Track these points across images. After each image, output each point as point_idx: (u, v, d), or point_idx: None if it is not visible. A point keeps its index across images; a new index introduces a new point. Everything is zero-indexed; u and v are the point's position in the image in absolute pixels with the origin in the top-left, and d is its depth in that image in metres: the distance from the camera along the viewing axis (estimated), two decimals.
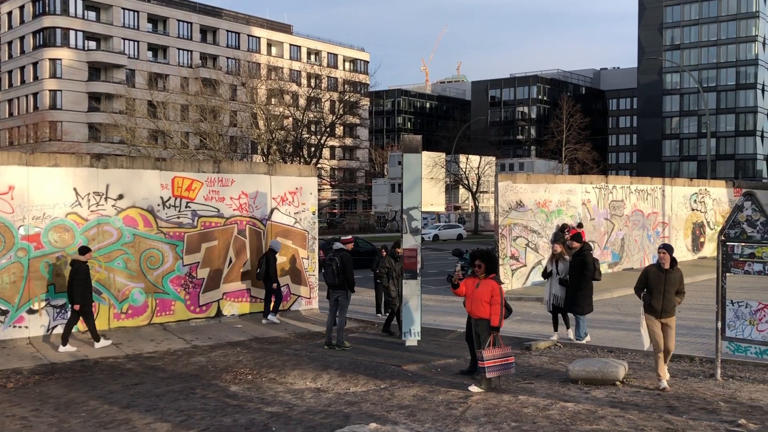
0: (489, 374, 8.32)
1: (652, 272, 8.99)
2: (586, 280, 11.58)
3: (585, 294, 11.56)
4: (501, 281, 8.68)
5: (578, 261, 11.66)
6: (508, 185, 19.37)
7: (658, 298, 8.85)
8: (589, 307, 11.67)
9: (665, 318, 8.88)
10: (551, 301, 12.05)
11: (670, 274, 8.87)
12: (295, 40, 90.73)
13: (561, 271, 11.94)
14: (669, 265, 8.85)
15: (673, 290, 8.88)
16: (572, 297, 11.60)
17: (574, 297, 11.57)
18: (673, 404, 7.69)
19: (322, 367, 10.03)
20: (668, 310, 8.89)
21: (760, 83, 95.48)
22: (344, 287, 11.56)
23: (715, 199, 27.79)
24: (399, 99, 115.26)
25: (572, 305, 11.64)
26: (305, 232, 15.26)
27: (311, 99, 57.66)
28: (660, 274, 8.89)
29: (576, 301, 11.58)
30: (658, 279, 8.88)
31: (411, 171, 11.73)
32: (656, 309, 8.87)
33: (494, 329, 8.46)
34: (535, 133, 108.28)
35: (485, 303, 8.52)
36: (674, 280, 8.88)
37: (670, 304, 8.91)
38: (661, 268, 8.92)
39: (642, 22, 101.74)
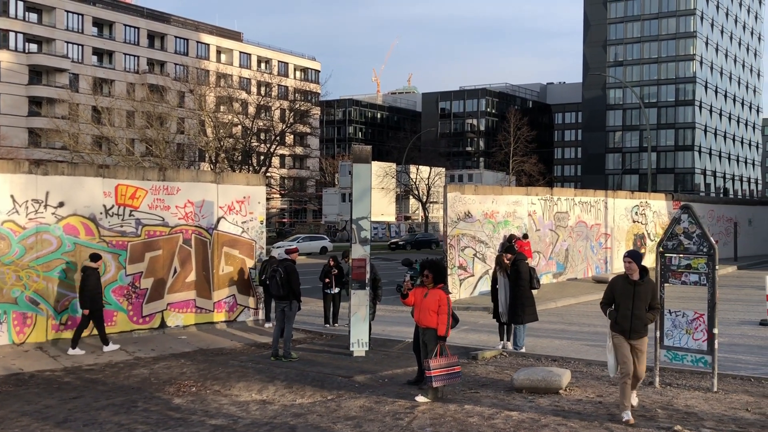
0: (435, 383, 8.37)
1: (618, 284, 7.81)
2: (521, 290, 11.75)
3: (524, 303, 11.73)
4: (449, 291, 8.75)
5: (513, 271, 11.86)
6: (457, 196, 19.59)
7: (626, 316, 7.64)
8: (530, 317, 11.85)
9: (635, 339, 7.68)
10: (498, 311, 12.22)
11: (640, 286, 7.69)
12: (246, 48, 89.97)
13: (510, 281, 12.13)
14: (638, 276, 7.72)
15: (643, 306, 7.67)
16: (512, 307, 11.78)
17: (514, 307, 11.76)
18: (613, 412, 7.87)
19: (268, 379, 9.91)
20: (638, 329, 7.66)
21: (698, 100, 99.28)
22: (289, 298, 11.47)
23: (655, 212, 28.69)
24: (350, 109, 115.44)
25: (513, 315, 11.82)
26: (253, 242, 15.09)
27: (261, 107, 57.20)
28: (628, 287, 7.70)
29: (515, 311, 11.76)
30: (625, 292, 7.68)
31: (360, 181, 11.75)
32: (624, 328, 7.65)
33: (441, 339, 8.53)
34: (484, 145, 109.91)
35: (433, 312, 8.59)
36: (644, 294, 7.69)
37: (641, 323, 7.67)
38: (629, 279, 7.76)
39: (587, 38, 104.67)
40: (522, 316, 11.76)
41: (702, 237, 8.96)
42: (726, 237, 32.86)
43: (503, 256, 12.18)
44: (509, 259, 11.96)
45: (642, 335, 7.72)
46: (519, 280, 11.74)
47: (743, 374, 9.82)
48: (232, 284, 14.66)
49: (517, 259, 11.89)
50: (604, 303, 7.97)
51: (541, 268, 22.37)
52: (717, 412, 7.86)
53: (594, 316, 16.95)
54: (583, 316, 16.95)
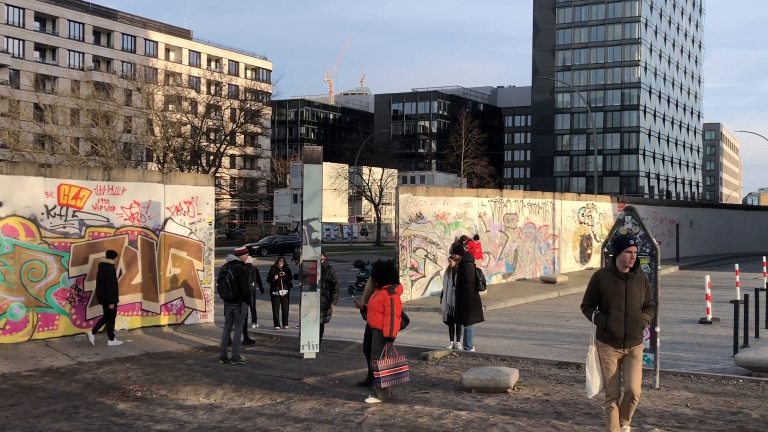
0: (383, 384, 8.38)
1: (605, 280, 6.51)
2: (465, 291, 11.85)
3: (469, 305, 11.83)
4: (394, 292, 8.72)
5: (459, 273, 11.97)
6: (409, 198, 19.68)
7: (618, 318, 6.38)
8: (476, 318, 11.96)
9: (631, 346, 6.45)
10: (447, 312, 12.32)
11: (632, 280, 6.45)
12: (195, 46, 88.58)
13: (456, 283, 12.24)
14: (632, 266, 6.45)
15: (638, 304, 6.45)
16: (459, 308, 11.88)
17: (460, 308, 11.85)
18: (560, 410, 8.01)
19: (216, 382, 9.76)
20: (634, 334, 6.44)
21: (642, 105, 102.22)
22: (239, 300, 11.32)
23: (601, 213, 29.39)
24: (302, 109, 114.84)
25: (459, 316, 11.92)
26: (201, 243, 14.83)
27: (211, 106, 56.42)
28: (618, 282, 6.45)
29: (461, 312, 11.86)
30: (615, 289, 6.43)
31: (312, 182, 11.67)
32: (617, 335, 6.39)
33: (387, 339, 8.54)
34: (436, 147, 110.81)
35: (378, 313, 8.62)
36: (638, 290, 6.48)
37: (637, 326, 6.44)
38: (617, 272, 6.48)
39: (536, 43, 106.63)
40: (468, 318, 11.86)
41: (645, 238, 9.20)
42: (669, 238, 33.89)
43: (452, 257, 12.29)
44: (456, 260, 12.06)
45: (638, 342, 6.49)
46: (465, 282, 11.84)
47: (684, 371, 10.13)
48: (179, 286, 14.39)
49: (463, 261, 11.99)
50: (588, 305, 6.62)
51: (491, 269, 22.65)
52: (659, 408, 8.08)
53: (542, 315, 17.27)
54: (532, 315, 17.22)
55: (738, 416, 7.71)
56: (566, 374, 10.09)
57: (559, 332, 14.47)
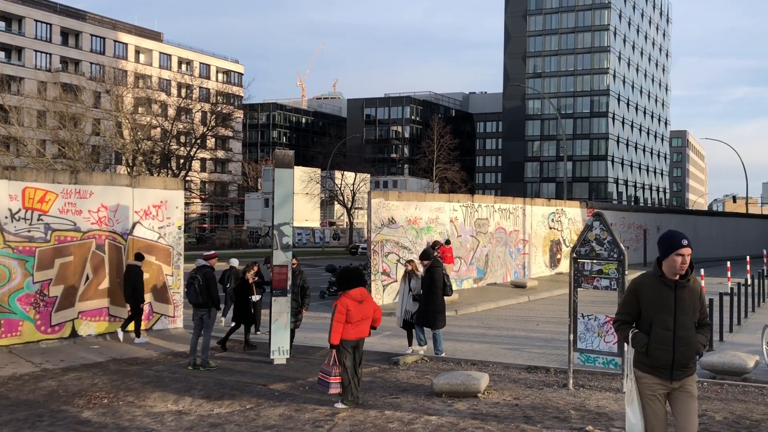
0: (331, 390, 8.36)
1: (648, 289, 5.04)
2: (433, 295, 11.89)
3: (436, 309, 11.86)
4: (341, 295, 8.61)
5: (427, 278, 11.99)
6: (381, 202, 19.69)
7: (664, 340, 4.88)
8: (441, 322, 12.00)
9: (681, 378, 4.92)
10: (403, 316, 12.36)
11: (683, 291, 4.96)
12: (166, 49, 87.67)
13: (414, 288, 12.26)
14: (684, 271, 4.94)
15: (691, 322, 4.93)
16: (424, 312, 11.89)
17: (426, 312, 11.87)
18: (529, 414, 8.07)
19: (185, 389, 9.63)
20: (685, 362, 4.90)
21: (611, 112, 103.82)
22: (208, 306, 11.20)
23: (570, 219, 29.73)
24: (274, 113, 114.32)
25: (426, 320, 11.92)
26: (170, 248, 14.65)
27: (181, 109, 55.89)
28: (665, 292, 4.96)
29: (427, 316, 11.87)
30: (662, 301, 4.94)
31: (283, 186, 11.61)
32: (662, 362, 4.89)
33: (330, 346, 8.48)
34: (409, 152, 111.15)
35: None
36: (692, 302, 4.97)
37: (690, 351, 4.90)
38: (664, 280, 4.99)
39: (507, 50, 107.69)
40: (436, 322, 11.89)
41: (613, 243, 9.33)
42: (636, 243, 34.43)
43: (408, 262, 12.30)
44: (425, 265, 12.07)
45: (691, 372, 4.95)
46: (434, 287, 11.86)
47: None
48: (147, 292, 14.17)
49: (432, 266, 12.02)
50: (623, 321, 5.18)
51: (462, 274, 22.77)
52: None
53: (512, 319, 17.39)
54: (502, 320, 17.34)
55: (702, 419, 7.84)
56: (536, 378, 10.17)
57: (529, 336, 14.59)
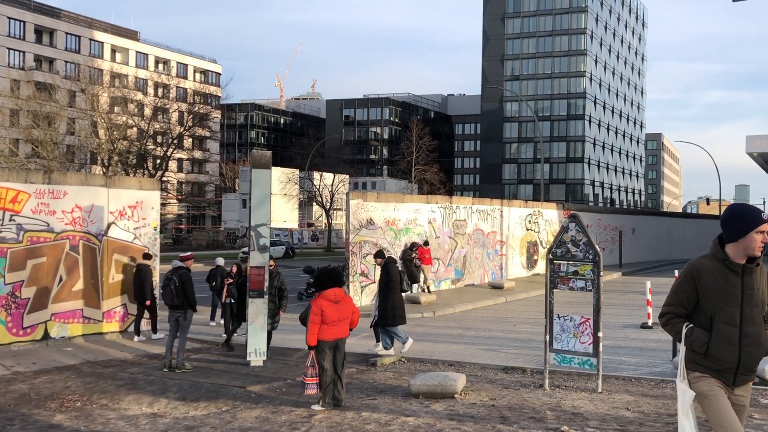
0: (308, 391, 8.36)
1: (711, 273, 4.22)
2: (391, 291, 11.85)
3: (395, 305, 11.82)
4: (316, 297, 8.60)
5: (383, 274, 12.00)
6: (360, 203, 19.68)
7: (729, 338, 4.12)
8: (400, 319, 11.94)
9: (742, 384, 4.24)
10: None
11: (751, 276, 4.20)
12: (142, 48, 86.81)
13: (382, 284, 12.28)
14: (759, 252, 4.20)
15: (761, 315, 4.20)
16: (382, 310, 11.86)
17: (384, 310, 11.84)
18: (505, 415, 8.11)
19: (160, 391, 9.53)
20: (752, 365, 4.20)
21: (588, 115, 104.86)
22: (185, 307, 11.10)
23: (547, 220, 29.97)
24: (252, 113, 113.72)
25: (383, 318, 11.86)
26: (145, 249, 14.50)
27: (158, 109, 55.34)
28: (731, 279, 4.19)
29: (386, 314, 11.83)
30: (726, 290, 4.18)
31: (260, 187, 11.55)
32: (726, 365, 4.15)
33: (308, 347, 8.45)
34: (388, 153, 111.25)
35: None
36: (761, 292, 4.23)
37: (760, 350, 4.17)
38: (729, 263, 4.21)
39: (485, 52, 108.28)
40: (394, 318, 11.84)
41: (588, 245, 9.41)
42: (612, 245, 34.79)
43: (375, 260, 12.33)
44: (379, 264, 12.09)
45: (753, 377, 4.31)
46: (390, 282, 11.85)
47: (625, 375, 10.39)
48: (123, 293, 14.03)
49: (387, 263, 12.03)
50: (674, 314, 4.34)
51: (441, 275, 22.84)
52: (601, 411, 8.27)
53: (490, 320, 17.47)
54: (480, 320, 17.41)
55: (675, 418, 7.93)
56: (512, 379, 10.23)
57: (506, 337, 14.67)
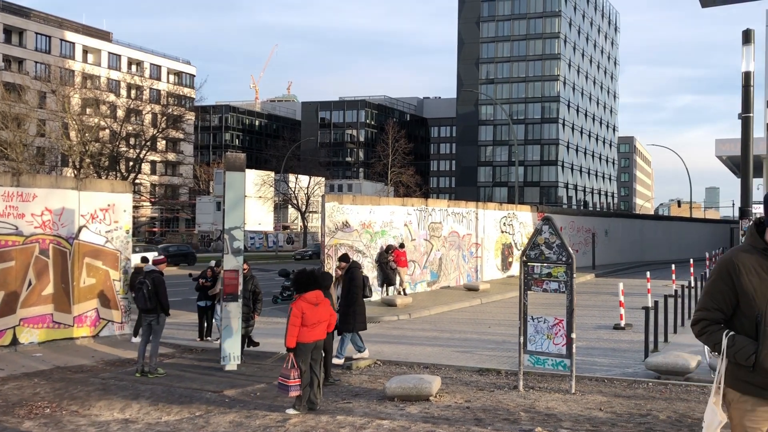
0: (291, 393, 8.32)
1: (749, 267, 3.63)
2: (354, 296, 11.72)
3: (356, 310, 11.68)
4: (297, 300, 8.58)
5: (346, 279, 11.89)
6: (335, 206, 19.63)
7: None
8: (361, 324, 11.82)
9: None
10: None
11: None
12: (115, 49, 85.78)
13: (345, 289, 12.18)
14: None
15: None
16: (344, 315, 11.65)
17: (345, 315, 11.65)
18: (480, 416, 8.14)
19: (132, 396, 9.40)
20: None
21: (561, 118, 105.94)
22: (157, 311, 10.97)
23: (521, 222, 30.18)
24: (227, 115, 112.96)
25: (344, 324, 11.64)
26: (117, 252, 14.31)
27: (131, 110, 54.70)
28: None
29: (347, 319, 11.64)
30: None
31: (234, 190, 11.47)
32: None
33: (287, 349, 8.42)
34: (364, 156, 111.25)
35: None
36: None
37: None
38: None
39: (461, 56, 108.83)
40: (354, 324, 11.70)
41: (561, 247, 9.49)
42: (585, 246, 35.16)
43: (338, 267, 12.24)
44: (342, 269, 11.99)
45: None
46: (355, 287, 11.70)
47: (598, 376, 10.49)
48: (94, 297, 13.82)
49: (351, 267, 11.92)
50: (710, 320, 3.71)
51: (416, 277, 22.87)
52: (574, 412, 8.34)
53: (465, 322, 17.54)
54: (455, 322, 17.46)
55: (647, 418, 8.04)
56: (487, 381, 10.27)
57: (481, 339, 14.73)
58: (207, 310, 14.54)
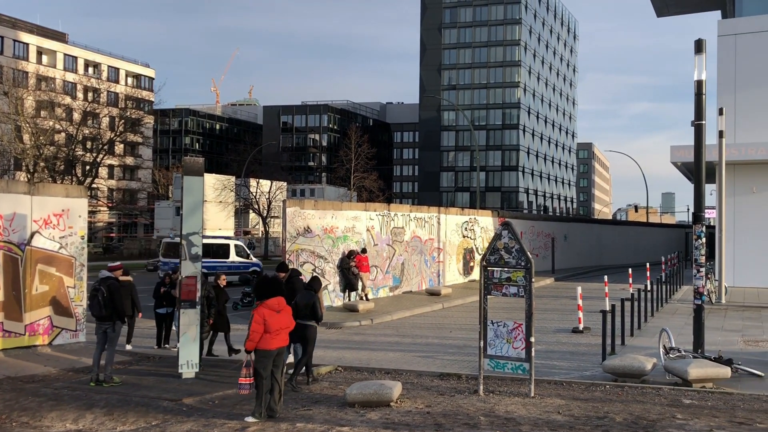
0: (241, 391, 8.37)
1: None
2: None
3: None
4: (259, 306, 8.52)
5: (289, 289, 11.74)
6: (297, 211, 19.51)
7: None
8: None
9: None
10: None
11: None
12: (71, 50, 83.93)
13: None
14: None
15: None
16: None
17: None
18: (440, 422, 8.15)
19: (86, 406, 9.17)
20: None
21: (522, 124, 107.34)
22: (113, 318, 10.73)
23: (483, 227, 30.44)
24: (187, 119, 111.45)
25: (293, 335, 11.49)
26: (72, 259, 13.96)
27: (87, 113, 53.54)
28: None
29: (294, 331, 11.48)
30: None
31: (192, 194, 11.29)
32: None
33: (246, 352, 8.40)
34: (326, 161, 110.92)
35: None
36: None
37: None
38: None
39: (423, 62, 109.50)
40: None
41: (520, 252, 9.59)
42: (545, 251, 35.63)
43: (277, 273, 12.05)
44: (282, 278, 11.83)
45: None
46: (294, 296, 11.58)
47: (557, 379, 10.62)
48: (47, 305, 13.45)
49: (291, 276, 11.77)
50: None
51: (379, 282, 22.86)
52: (533, 416, 8.41)
53: (426, 327, 17.58)
54: (417, 327, 17.49)
55: (604, 420, 8.16)
56: (447, 385, 10.30)
57: (442, 344, 14.78)
58: (166, 317, 14.27)
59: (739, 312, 19.26)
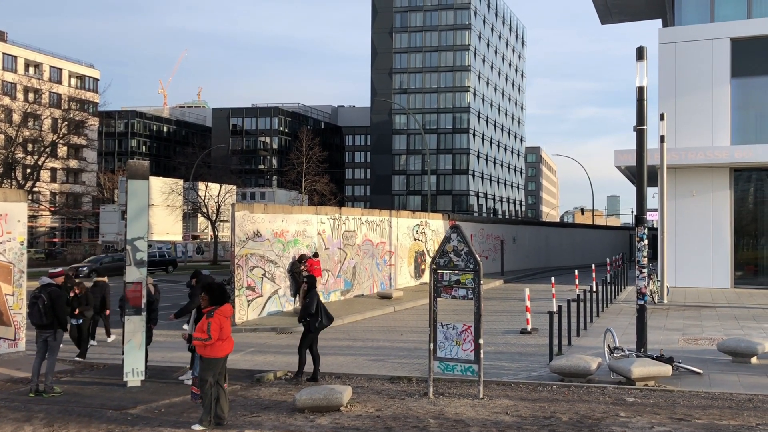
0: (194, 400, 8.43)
1: None
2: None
3: None
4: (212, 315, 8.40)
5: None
6: (246, 215, 19.27)
7: None
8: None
9: None
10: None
11: None
12: (10, 49, 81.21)
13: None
14: None
15: None
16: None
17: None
18: (390, 425, 8.15)
19: (24, 418, 8.84)
20: None
21: (472, 128, 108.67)
22: (54, 327, 10.39)
23: (434, 230, 30.66)
24: (133, 121, 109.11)
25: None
26: (11, 265, 13.47)
27: (28, 115, 51.84)
28: None
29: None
30: None
31: (137, 198, 11.04)
32: None
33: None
34: (277, 164, 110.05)
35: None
36: None
37: None
38: None
39: (374, 66, 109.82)
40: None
41: (469, 254, 9.68)
42: (494, 253, 36.11)
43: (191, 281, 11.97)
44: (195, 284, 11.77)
45: None
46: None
47: (505, 380, 10.75)
48: None
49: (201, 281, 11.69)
50: None
51: (330, 286, 22.76)
52: (482, 417, 8.50)
53: (378, 330, 17.58)
54: (368, 331, 17.48)
55: (550, 420, 8.30)
56: (398, 388, 10.32)
57: (393, 347, 14.81)
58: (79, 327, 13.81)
59: (680, 311, 19.88)
